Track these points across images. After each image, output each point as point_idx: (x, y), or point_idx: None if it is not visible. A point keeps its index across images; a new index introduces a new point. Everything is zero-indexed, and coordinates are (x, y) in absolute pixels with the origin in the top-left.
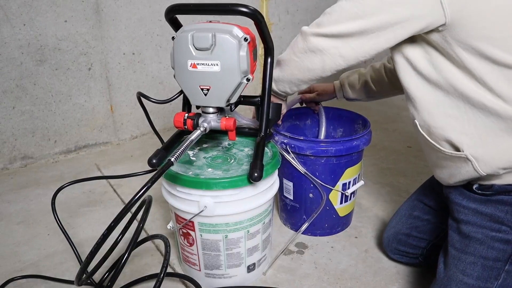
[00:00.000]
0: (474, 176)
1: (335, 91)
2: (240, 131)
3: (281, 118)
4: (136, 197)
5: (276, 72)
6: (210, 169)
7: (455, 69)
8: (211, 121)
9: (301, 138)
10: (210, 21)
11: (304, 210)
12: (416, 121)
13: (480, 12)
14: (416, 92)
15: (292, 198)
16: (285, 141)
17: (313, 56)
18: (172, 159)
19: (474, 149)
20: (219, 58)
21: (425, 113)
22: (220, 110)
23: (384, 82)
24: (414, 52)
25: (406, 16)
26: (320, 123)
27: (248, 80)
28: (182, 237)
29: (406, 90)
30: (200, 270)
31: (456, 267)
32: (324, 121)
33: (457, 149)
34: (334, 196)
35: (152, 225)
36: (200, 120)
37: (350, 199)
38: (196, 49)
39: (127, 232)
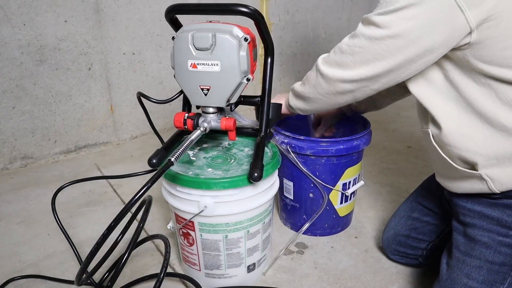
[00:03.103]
0: (486, 192)
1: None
2: (240, 131)
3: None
4: (136, 197)
5: (301, 105)
6: (210, 169)
7: (474, 87)
8: (211, 121)
9: (302, 137)
10: (210, 21)
11: (304, 210)
12: (429, 130)
13: (505, 32)
14: (429, 105)
15: (292, 198)
16: (285, 140)
17: (342, 95)
18: (172, 159)
19: (489, 169)
20: (219, 58)
21: (439, 128)
22: (220, 110)
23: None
24: (429, 70)
25: (434, 46)
26: (309, 121)
27: (248, 80)
28: (182, 237)
29: (419, 102)
30: (200, 270)
31: (460, 270)
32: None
33: (471, 167)
34: (334, 196)
35: (152, 225)
36: (200, 120)
37: (350, 199)
38: (196, 49)
39: (127, 232)
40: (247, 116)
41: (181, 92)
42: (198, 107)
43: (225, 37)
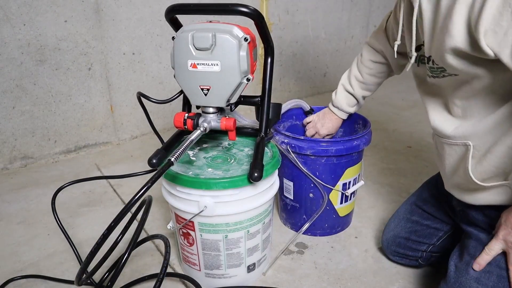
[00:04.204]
0: (507, 204)
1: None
2: (240, 131)
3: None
4: (136, 197)
5: None
6: (210, 169)
7: None
8: (211, 121)
9: (302, 137)
10: (210, 21)
11: (304, 210)
12: (470, 142)
13: None
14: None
15: (292, 198)
16: (285, 140)
17: None
18: (172, 159)
19: None
20: (219, 58)
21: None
22: (220, 110)
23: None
24: None
25: None
26: None
27: (248, 80)
28: (182, 237)
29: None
30: (200, 270)
31: (470, 274)
32: None
33: (504, 179)
34: (334, 196)
35: (152, 225)
36: (200, 120)
37: (350, 199)
38: (196, 49)
39: (127, 232)
40: (247, 116)
41: (181, 92)
42: (198, 107)
43: (225, 37)
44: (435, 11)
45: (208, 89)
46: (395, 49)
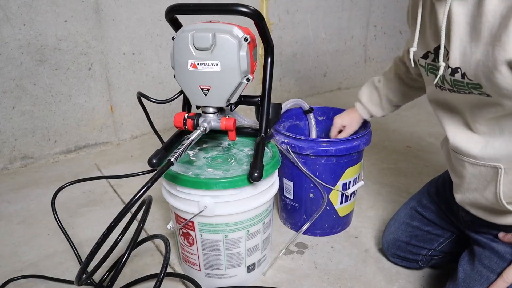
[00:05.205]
0: None
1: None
2: (240, 131)
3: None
4: (136, 197)
5: None
6: (210, 169)
7: None
8: (211, 121)
9: (302, 137)
10: (210, 21)
11: (304, 210)
12: (501, 165)
13: None
14: None
15: (292, 198)
16: (285, 140)
17: None
18: (172, 159)
19: None
20: (219, 58)
21: None
22: (220, 110)
23: (403, 90)
24: None
25: None
26: (310, 126)
27: (248, 80)
28: (182, 237)
29: None
30: (200, 270)
31: (481, 285)
32: (314, 124)
33: None
34: (334, 196)
35: (152, 225)
36: (200, 120)
37: (350, 199)
38: (196, 49)
39: (127, 232)
40: (247, 116)
41: (181, 92)
42: (198, 107)
43: (225, 37)
44: (474, 17)
45: (208, 89)
46: (411, 56)
